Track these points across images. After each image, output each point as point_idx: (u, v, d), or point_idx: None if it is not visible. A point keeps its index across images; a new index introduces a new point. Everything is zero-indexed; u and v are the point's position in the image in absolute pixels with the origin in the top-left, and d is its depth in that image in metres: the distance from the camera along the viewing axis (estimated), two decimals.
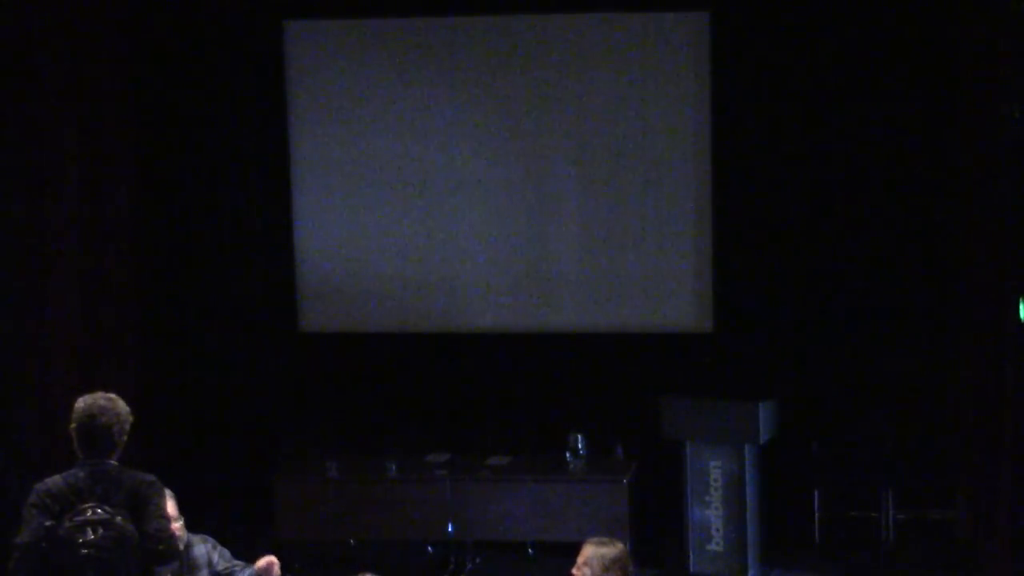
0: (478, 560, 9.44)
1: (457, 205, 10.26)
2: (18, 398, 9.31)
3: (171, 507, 6.55)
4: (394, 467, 9.39)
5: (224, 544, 6.82)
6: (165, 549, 5.65)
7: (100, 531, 5.57)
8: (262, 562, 6.49)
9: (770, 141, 9.87)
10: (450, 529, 9.23)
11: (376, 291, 10.39)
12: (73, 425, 5.81)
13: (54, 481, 5.74)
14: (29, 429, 9.23)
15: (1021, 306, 8.13)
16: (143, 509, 5.66)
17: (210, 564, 6.66)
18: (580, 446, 9.47)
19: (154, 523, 5.65)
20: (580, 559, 6.09)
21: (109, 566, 5.56)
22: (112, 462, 5.78)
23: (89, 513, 5.61)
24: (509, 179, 10.23)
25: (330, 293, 10.45)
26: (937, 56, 9.48)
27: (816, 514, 9.65)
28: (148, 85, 10.13)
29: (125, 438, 5.87)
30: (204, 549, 6.71)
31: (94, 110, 9.55)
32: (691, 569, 9.16)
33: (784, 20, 9.73)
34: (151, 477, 5.79)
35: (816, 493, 9.64)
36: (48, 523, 5.62)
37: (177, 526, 6.54)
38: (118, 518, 5.61)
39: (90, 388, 6.00)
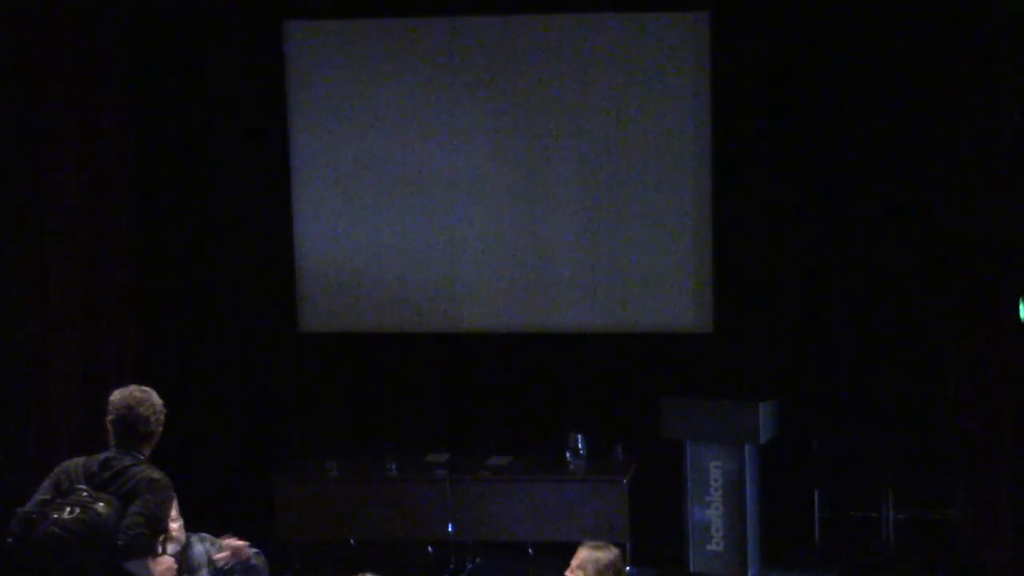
0: (478, 560, 9.44)
1: (457, 205, 10.26)
2: (18, 398, 9.31)
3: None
4: (394, 467, 9.39)
5: None
6: (124, 544, 5.61)
7: (76, 512, 5.61)
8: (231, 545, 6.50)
9: (770, 141, 9.88)
10: (450, 529, 9.22)
11: (376, 291, 10.39)
12: (111, 417, 5.85)
13: (76, 460, 5.84)
14: (29, 429, 9.24)
15: (1021, 306, 8.13)
16: (131, 503, 5.68)
17: (210, 563, 6.66)
18: (580, 446, 9.47)
19: (129, 518, 5.65)
20: (574, 562, 6.09)
21: (68, 548, 5.58)
22: (140, 454, 5.82)
23: (81, 495, 5.66)
24: (509, 179, 10.23)
25: (330, 293, 10.45)
26: (937, 56, 9.47)
27: (816, 514, 9.65)
28: (148, 85, 10.13)
29: (161, 429, 5.91)
30: (202, 548, 6.71)
31: (94, 110, 9.55)
32: (691, 569, 9.16)
33: (784, 20, 9.73)
34: (158, 475, 5.79)
35: (816, 493, 9.64)
36: (47, 496, 5.71)
37: (175, 527, 6.55)
38: (100, 504, 5.63)
39: (90, 388, 6.01)
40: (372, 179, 10.32)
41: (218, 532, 6.90)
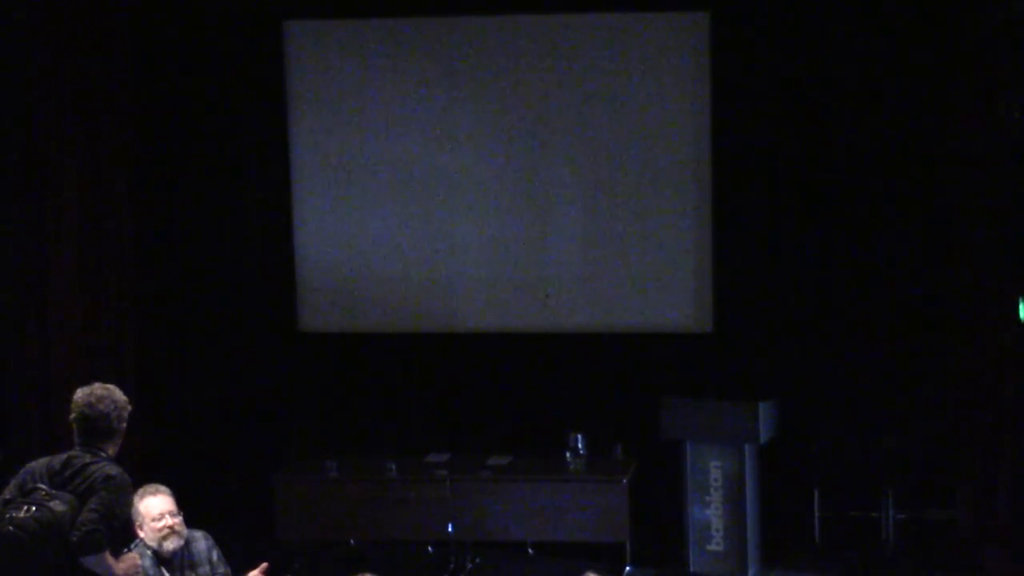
0: (478, 560, 9.44)
1: (457, 205, 10.26)
2: (18, 398, 9.31)
3: (169, 503, 6.59)
4: (394, 467, 9.39)
5: (224, 544, 6.83)
6: (78, 540, 5.62)
7: (33, 511, 5.64)
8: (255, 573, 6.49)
9: (770, 141, 9.88)
10: (450, 529, 9.22)
11: (376, 291, 10.39)
12: (72, 415, 5.87)
13: (40, 460, 5.87)
14: (29, 429, 9.24)
15: (1021, 306, 8.13)
16: (87, 500, 5.69)
17: (210, 562, 6.68)
18: (580, 446, 9.46)
19: (85, 514, 5.66)
20: None
21: (24, 545, 5.60)
22: (103, 452, 5.82)
23: (39, 493, 5.70)
24: (509, 179, 10.23)
25: (330, 293, 10.45)
26: (937, 56, 9.48)
27: (816, 514, 9.65)
28: (148, 85, 10.13)
29: (124, 426, 5.92)
30: (205, 545, 6.73)
31: (94, 110, 9.55)
32: (691, 569, 9.16)
33: (784, 20, 9.74)
34: (115, 472, 5.78)
35: (816, 493, 9.64)
36: (8, 496, 5.76)
37: (176, 522, 6.57)
38: (56, 502, 5.66)
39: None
40: (372, 179, 10.32)
41: (219, 532, 6.91)
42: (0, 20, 9.11)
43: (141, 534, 6.55)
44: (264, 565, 6.44)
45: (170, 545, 6.54)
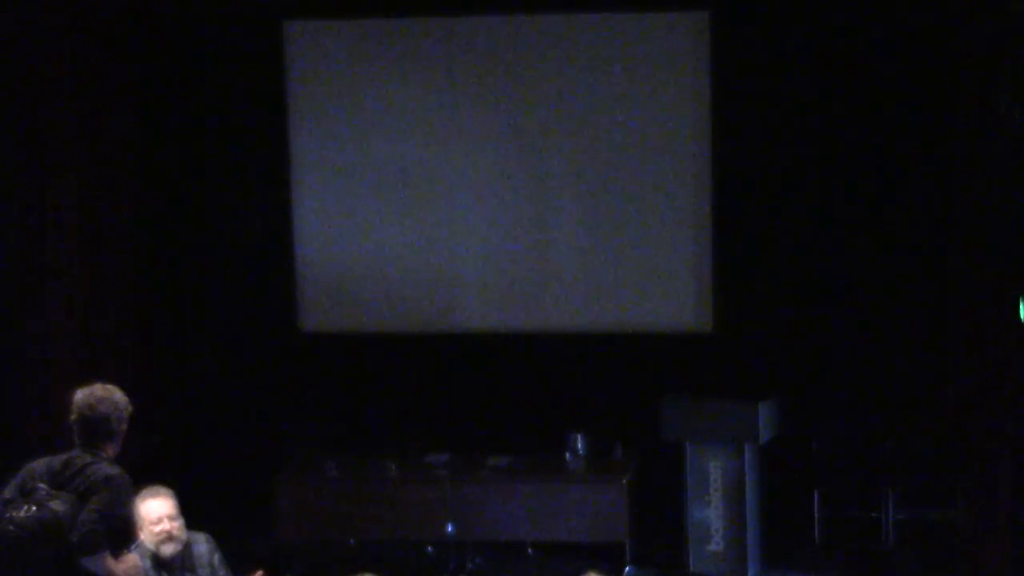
0: (478, 560, 9.44)
1: (457, 205, 10.26)
2: (18, 399, 9.31)
3: (171, 507, 6.60)
4: (394, 467, 9.39)
5: (224, 544, 6.84)
6: (78, 540, 5.66)
7: (32, 510, 5.67)
8: None
9: (770, 141, 9.88)
10: (450, 529, 9.22)
11: (376, 291, 10.39)
12: (73, 416, 5.89)
13: (40, 460, 5.91)
14: (29, 430, 9.23)
15: (1021, 306, 8.12)
16: (88, 500, 5.71)
17: (211, 565, 6.69)
18: (580, 446, 9.47)
19: (83, 514, 5.69)
20: None
21: (22, 544, 5.63)
22: (103, 453, 5.83)
23: (39, 494, 5.73)
24: (509, 179, 10.23)
25: (330, 293, 10.45)
26: (937, 56, 9.48)
27: (816, 514, 9.65)
28: (148, 85, 10.13)
29: (124, 427, 5.94)
30: (206, 548, 6.74)
31: (94, 110, 9.54)
32: (691, 569, 9.16)
33: (784, 20, 9.74)
34: (115, 472, 5.80)
35: (816, 493, 9.64)
36: (8, 496, 5.79)
37: (176, 525, 6.57)
38: (55, 502, 5.69)
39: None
40: (372, 179, 10.32)
41: (219, 532, 6.91)
42: (1, 20, 9.10)
43: (142, 536, 6.55)
44: (259, 573, 6.46)
45: (167, 550, 6.54)
